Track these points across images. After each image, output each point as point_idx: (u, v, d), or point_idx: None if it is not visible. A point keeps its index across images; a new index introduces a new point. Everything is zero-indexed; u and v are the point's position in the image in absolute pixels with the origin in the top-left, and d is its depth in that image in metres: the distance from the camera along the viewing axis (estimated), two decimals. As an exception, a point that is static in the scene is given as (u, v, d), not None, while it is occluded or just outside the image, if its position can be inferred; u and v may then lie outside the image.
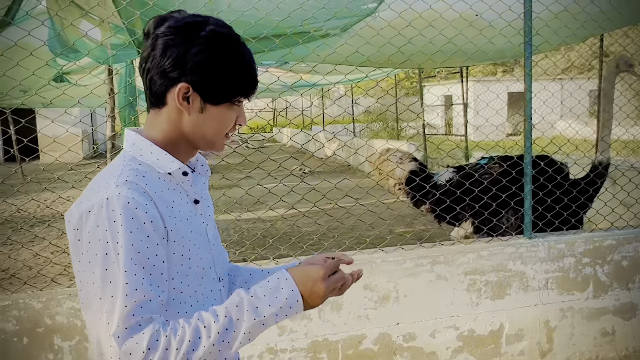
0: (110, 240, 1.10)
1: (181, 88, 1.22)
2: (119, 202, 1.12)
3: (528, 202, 3.64)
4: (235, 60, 1.24)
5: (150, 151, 1.25)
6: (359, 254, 3.45)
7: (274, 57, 4.23)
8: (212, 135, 1.28)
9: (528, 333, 3.63)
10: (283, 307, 1.18)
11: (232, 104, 1.27)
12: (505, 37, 3.50)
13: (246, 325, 1.15)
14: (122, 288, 1.09)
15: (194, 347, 1.11)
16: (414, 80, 22.24)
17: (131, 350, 1.07)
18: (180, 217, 1.24)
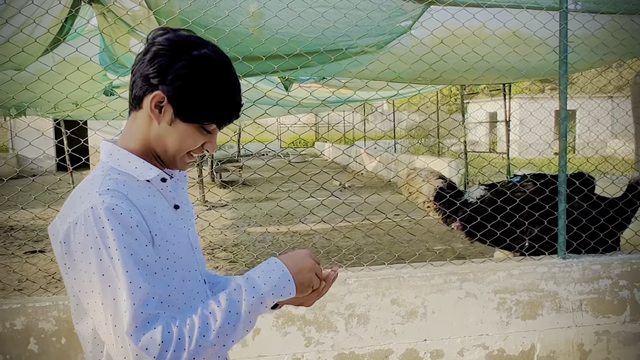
0: (102, 246, 1.13)
1: (156, 95, 1.25)
2: (104, 209, 1.15)
3: (562, 221, 3.58)
4: (215, 86, 1.26)
5: (128, 160, 1.29)
6: (387, 268, 3.47)
7: (307, 74, 4.33)
8: (173, 151, 1.31)
9: (561, 356, 3.55)
10: (277, 285, 1.24)
11: (201, 126, 1.29)
12: (540, 55, 3.48)
13: (246, 304, 1.20)
14: (125, 289, 1.12)
15: (204, 333, 1.15)
16: (457, 97, 22.04)
17: (147, 346, 1.10)
18: (163, 221, 1.28)
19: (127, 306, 1.12)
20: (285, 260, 1.29)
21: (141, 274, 1.15)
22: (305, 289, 1.30)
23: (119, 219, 1.16)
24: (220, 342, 1.17)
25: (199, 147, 1.33)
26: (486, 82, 6.15)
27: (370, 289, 3.29)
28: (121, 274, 1.13)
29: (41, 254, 7.34)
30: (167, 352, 1.11)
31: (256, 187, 3.67)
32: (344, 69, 3.73)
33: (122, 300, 1.12)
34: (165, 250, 1.25)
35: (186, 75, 1.24)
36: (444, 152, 16.42)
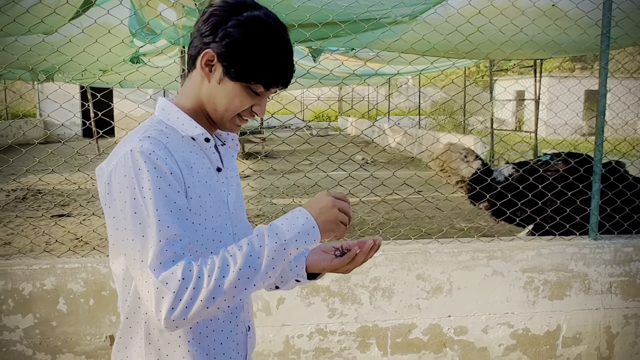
0: (137, 186, 1.18)
1: (206, 53, 1.28)
2: (141, 152, 1.20)
3: (595, 202, 3.50)
4: (263, 47, 1.27)
5: (177, 116, 1.33)
6: (414, 243, 3.44)
7: (339, 43, 4.24)
8: (222, 110, 1.33)
9: (587, 337, 3.50)
10: (301, 232, 1.22)
11: (248, 86, 1.30)
12: (581, 29, 3.35)
13: (269, 249, 1.19)
14: (154, 226, 1.17)
15: (223, 273, 1.17)
16: (484, 73, 21.63)
17: (167, 280, 1.14)
18: (199, 178, 1.30)
19: (153, 242, 1.16)
20: (307, 207, 1.27)
21: (171, 216, 1.19)
22: (333, 227, 1.26)
23: (154, 164, 1.20)
24: (241, 285, 1.18)
25: (248, 110, 1.35)
26: (523, 57, 5.99)
27: (396, 263, 3.27)
28: (151, 212, 1.17)
29: (68, 218, 7.46)
30: (186, 289, 1.14)
31: (280, 159, 3.65)
32: (377, 39, 3.64)
33: (150, 237, 1.17)
34: (196, 205, 1.28)
35: (235, 34, 1.26)
36: (470, 130, 16.20)
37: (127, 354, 1.34)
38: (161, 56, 5.90)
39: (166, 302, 1.14)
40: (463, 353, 3.37)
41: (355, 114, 25.74)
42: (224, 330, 1.37)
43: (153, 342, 1.30)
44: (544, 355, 3.46)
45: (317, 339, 3.23)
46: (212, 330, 1.34)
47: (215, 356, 1.35)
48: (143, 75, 3.51)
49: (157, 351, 1.30)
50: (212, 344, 1.34)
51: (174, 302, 1.13)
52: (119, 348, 1.35)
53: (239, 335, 1.42)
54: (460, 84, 16.31)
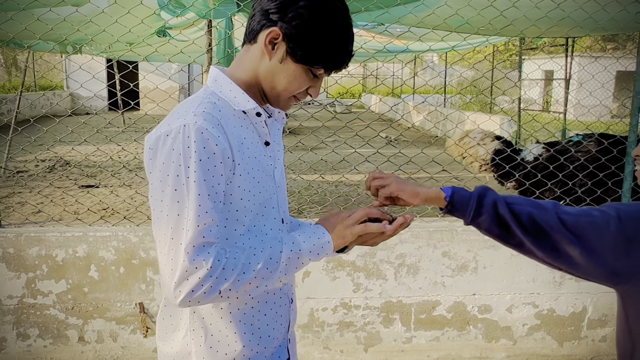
0: (182, 163, 1.18)
1: (272, 31, 1.26)
2: (195, 130, 1.18)
3: (628, 184, 3.44)
4: (331, 31, 1.26)
5: (230, 89, 1.32)
6: (440, 220, 3.42)
7: (370, 18, 4.17)
8: (280, 89, 1.32)
9: (612, 320, 3.47)
10: (316, 245, 1.30)
11: (310, 69, 1.29)
12: (621, 5, 3.24)
13: (284, 255, 1.26)
14: (193, 209, 1.18)
15: (245, 270, 1.21)
16: (513, 52, 21.18)
17: (197, 266, 1.17)
18: (249, 153, 1.30)
19: (191, 225, 1.17)
20: (325, 224, 1.35)
21: (210, 201, 1.19)
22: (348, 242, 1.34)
23: (205, 143, 1.19)
24: (255, 283, 1.24)
25: (304, 91, 1.34)
26: (559, 35, 5.84)
27: (422, 240, 3.27)
28: (193, 195, 1.18)
29: (97, 189, 7.60)
30: (211, 278, 1.17)
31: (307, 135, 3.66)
32: (410, 13, 3.58)
33: (186, 219, 1.18)
34: (245, 181, 1.29)
35: (305, 15, 1.24)
36: (497, 111, 15.94)
37: (172, 321, 1.38)
38: (189, 29, 5.90)
39: (189, 285, 1.17)
40: (486, 331, 3.38)
41: (381, 91, 25.48)
42: (268, 302, 1.40)
43: (197, 311, 1.33)
44: (569, 336, 3.45)
45: (341, 312, 3.26)
46: (257, 301, 1.37)
47: (259, 326, 1.38)
48: (173, 48, 3.51)
49: (202, 320, 1.33)
50: (256, 315, 1.37)
51: (197, 287, 1.17)
52: (164, 316, 1.39)
53: (282, 308, 1.44)
54: (488, 63, 16.00)
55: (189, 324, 1.34)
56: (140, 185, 7.47)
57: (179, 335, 1.36)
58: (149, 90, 3.85)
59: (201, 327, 1.33)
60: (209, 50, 3.86)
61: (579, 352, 3.47)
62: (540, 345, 3.44)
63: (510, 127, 11.34)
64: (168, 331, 1.39)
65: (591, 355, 3.48)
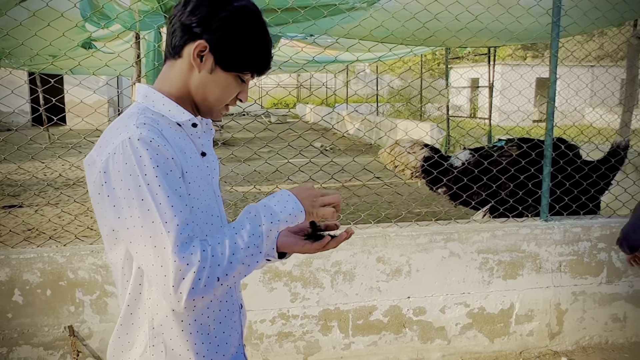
0: (140, 173, 1.19)
1: (199, 44, 1.29)
2: (141, 140, 1.20)
3: (546, 185, 3.64)
4: (255, 37, 1.32)
5: (162, 102, 1.33)
6: (374, 227, 3.50)
7: (298, 30, 4.24)
8: (213, 100, 1.36)
9: (538, 314, 3.66)
10: (291, 213, 1.30)
11: (239, 75, 1.34)
12: (533, 17, 3.45)
13: (265, 228, 1.26)
14: (167, 210, 1.19)
15: (233, 251, 1.22)
16: (440, 61, 21.96)
17: (188, 262, 1.17)
18: (192, 163, 1.32)
19: (170, 227, 1.18)
20: (295, 192, 1.34)
21: (180, 201, 1.21)
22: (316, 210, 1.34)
23: (156, 150, 1.20)
24: (247, 261, 1.25)
25: (235, 97, 1.38)
26: (478, 44, 6.13)
27: (356, 246, 3.33)
28: (162, 197, 1.19)
29: (19, 209, 7.22)
30: (204, 269, 1.18)
31: (240, 146, 3.67)
32: (337, 25, 3.66)
33: (161, 222, 1.18)
34: (192, 189, 1.31)
35: (228, 25, 1.29)
36: (426, 118, 16.45)
37: (128, 339, 1.36)
38: (116, 41, 5.75)
39: (187, 283, 1.17)
40: (422, 333, 3.47)
41: (314, 101, 25.71)
42: (222, 309, 1.41)
43: (157, 326, 1.33)
44: (498, 333, 3.60)
45: (279, 323, 3.26)
46: (213, 310, 1.38)
47: (216, 335, 1.39)
48: (99, 61, 3.43)
49: (161, 335, 1.33)
50: (212, 324, 1.38)
51: (195, 282, 1.17)
52: (120, 334, 1.37)
53: (234, 314, 1.46)
54: (417, 72, 16.49)
55: (148, 339, 1.33)
56: (67, 204, 7.17)
57: (136, 352, 1.35)
58: (74, 105, 3.71)
59: (161, 343, 1.33)
60: (138, 63, 3.79)
61: (508, 347, 3.63)
62: (473, 343, 3.57)
63: (440, 134, 11.73)
64: (124, 349, 1.37)
65: (520, 349, 3.65)
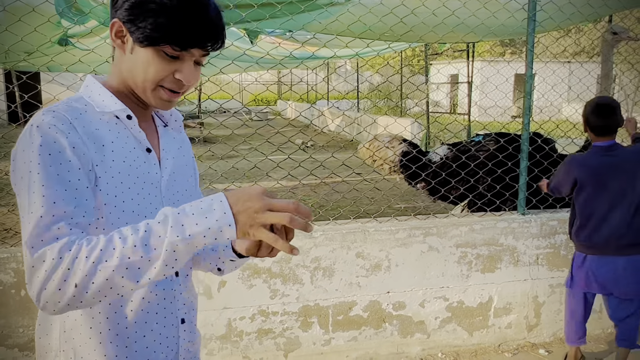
0: (30, 160, 1.10)
1: (114, 24, 1.19)
2: (41, 126, 1.12)
3: (523, 179, 3.68)
4: (168, 5, 1.14)
5: (99, 93, 1.25)
6: (353, 222, 3.50)
7: (275, 25, 4.21)
8: (140, 81, 1.21)
9: (516, 307, 3.70)
10: (212, 228, 1.03)
11: (160, 50, 1.17)
12: (509, 12, 3.49)
13: (169, 242, 1.01)
14: (37, 201, 1.08)
15: (105, 257, 1.02)
16: (420, 58, 22.06)
17: (43, 258, 1.03)
18: (115, 157, 1.21)
19: (33, 218, 1.07)
20: (232, 198, 1.05)
21: (60, 192, 1.09)
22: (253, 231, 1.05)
23: (53, 138, 1.12)
24: (130, 274, 1.02)
25: (171, 78, 1.21)
26: (455, 40, 6.17)
27: (336, 242, 3.32)
28: (37, 187, 1.08)
29: (-7, 209, 7.09)
30: (59, 269, 1.02)
31: (218, 143, 3.66)
32: (314, 20, 3.64)
33: (29, 213, 1.08)
34: (111, 187, 1.19)
35: None
36: (406, 113, 16.52)
37: (48, 340, 1.25)
38: (92, 37, 5.66)
39: (38, 282, 1.03)
40: (401, 327, 3.49)
41: (294, 97, 25.65)
42: (149, 322, 1.26)
43: (68, 330, 1.22)
44: (477, 326, 3.64)
45: (259, 320, 3.25)
46: (135, 321, 1.24)
47: (136, 349, 1.24)
48: (72, 57, 3.37)
49: (72, 340, 1.21)
50: (132, 336, 1.24)
51: (45, 282, 1.02)
52: (40, 335, 1.27)
53: (168, 329, 1.30)
54: (396, 68, 16.56)
55: (59, 344, 1.22)
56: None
57: (50, 356, 1.24)
58: (50, 101, 3.64)
59: (71, 349, 1.21)
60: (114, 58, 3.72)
61: (487, 340, 3.66)
62: (452, 337, 3.60)
63: (419, 129, 11.79)
64: (42, 353, 1.26)
65: (499, 342, 3.69)
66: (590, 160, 3.08)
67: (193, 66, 1.22)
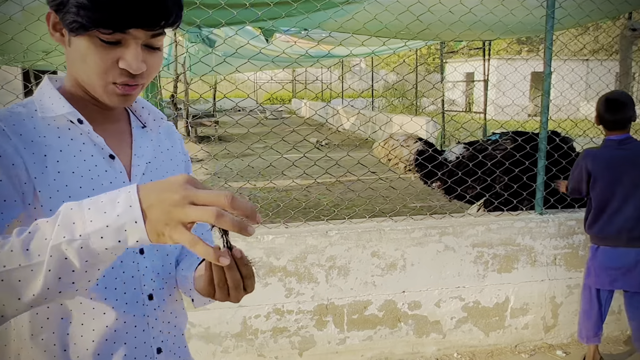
0: None
1: (48, 15, 1.04)
2: None
3: (541, 178, 3.64)
4: None
5: (49, 95, 1.10)
6: (368, 221, 3.49)
7: (291, 23, 4.21)
8: (86, 78, 1.05)
9: (533, 307, 3.66)
10: (111, 226, 0.78)
11: (95, 36, 0.99)
12: (527, 10, 3.45)
13: (52, 245, 0.78)
14: None
15: None
16: (436, 56, 21.96)
17: None
18: (63, 168, 1.06)
19: None
20: (145, 189, 0.81)
21: None
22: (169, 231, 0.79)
23: None
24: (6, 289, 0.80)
25: (116, 69, 1.02)
26: (472, 37, 6.12)
27: (351, 241, 3.32)
28: None
29: None
30: None
31: (234, 141, 3.67)
32: (330, 18, 3.64)
33: None
34: (49, 199, 1.03)
35: None
36: (421, 112, 16.45)
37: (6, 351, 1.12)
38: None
39: None
40: (417, 327, 3.47)
41: (309, 96, 25.68)
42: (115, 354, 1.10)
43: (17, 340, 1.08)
44: (493, 326, 3.60)
45: (274, 318, 3.25)
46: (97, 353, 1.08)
47: None
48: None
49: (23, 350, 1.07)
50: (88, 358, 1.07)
51: None
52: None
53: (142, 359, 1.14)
54: (412, 66, 16.49)
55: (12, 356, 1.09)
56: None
57: None
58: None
59: None
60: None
61: (504, 340, 3.63)
62: (468, 337, 3.57)
63: (434, 128, 11.73)
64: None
65: (515, 342, 3.65)
66: (603, 153, 3.14)
67: (139, 51, 1.01)
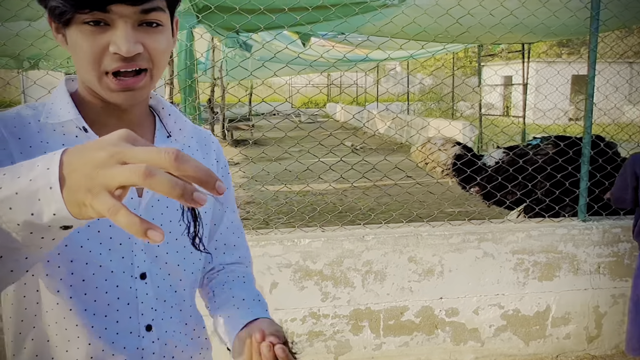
0: None
1: (49, 19, 0.97)
2: None
3: (584, 184, 3.54)
4: None
5: (60, 99, 1.02)
6: (405, 226, 3.46)
7: (329, 27, 4.22)
8: (83, 71, 0.95)
9: (576, 317, 3.56)
10: (20, 193, 0.63)
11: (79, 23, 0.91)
12: (571, 11, 3.36)
13: None
14: None
15: None
16: (472, 59, 21.68)
17: None
18: None
19: None
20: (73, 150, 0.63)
21: None
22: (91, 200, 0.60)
23: None
24: None
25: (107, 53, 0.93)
26: (513, 40, 6.00)
27: (388, 246, 3.29)
28: None
29: None
30: None
31: (271, 145, 3.71)
32: (368, 22, 3.63)
33: None
34: None
35: None
36: (458, 116, 16.26)
37: None
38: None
39: None
40: (454, 334, 3.41)
41: (345, 100, 25.68)
42: None
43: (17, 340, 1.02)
44: (534, 335, 3.52)
45: (310, 322, 3.25)
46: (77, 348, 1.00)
47: None
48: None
49: None
50: None
51: None
52: None
53: None
54: (449, 69, 16.32)
55: None
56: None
57: None
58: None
59: None
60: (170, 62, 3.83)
61: (544, 350, 3.54)
62: (507, 346, 3.50)
63: (472, 132, 11.57)
64: None
65: (556, 353, 3.56)
66: None
67: (129, 31, 0.91)
